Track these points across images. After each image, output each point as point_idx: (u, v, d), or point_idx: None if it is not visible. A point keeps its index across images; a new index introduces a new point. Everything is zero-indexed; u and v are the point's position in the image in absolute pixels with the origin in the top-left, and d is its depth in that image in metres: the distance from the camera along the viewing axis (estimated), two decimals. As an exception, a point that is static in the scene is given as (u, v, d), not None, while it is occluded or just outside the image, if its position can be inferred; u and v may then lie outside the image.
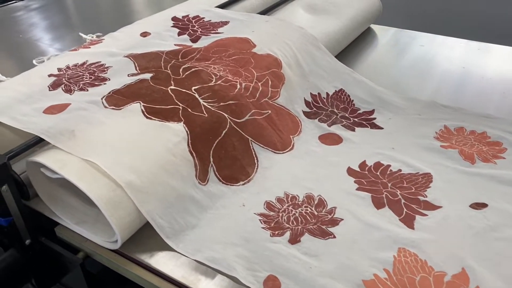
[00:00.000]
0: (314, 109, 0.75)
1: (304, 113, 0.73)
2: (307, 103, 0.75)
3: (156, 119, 0.58)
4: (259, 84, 0.70)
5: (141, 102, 0.60)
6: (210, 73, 0.68)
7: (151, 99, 0.61)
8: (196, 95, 0.63)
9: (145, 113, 0.58)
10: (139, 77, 0.66)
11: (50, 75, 0.68)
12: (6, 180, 0.49)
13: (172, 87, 0.64)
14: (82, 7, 1.41)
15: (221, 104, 0.64)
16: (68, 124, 0.55)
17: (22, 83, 0.66)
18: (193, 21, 0.87)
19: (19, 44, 1.12)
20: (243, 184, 0.60)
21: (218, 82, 0.67)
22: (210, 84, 0.66)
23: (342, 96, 0.78)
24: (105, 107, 0.59)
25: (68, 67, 0.70)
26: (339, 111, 0.75)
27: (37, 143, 0.55)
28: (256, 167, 0.63)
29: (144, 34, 0.81)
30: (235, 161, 0.61)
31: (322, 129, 0.71)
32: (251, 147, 0.64)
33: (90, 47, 0.77)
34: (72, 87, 0.65)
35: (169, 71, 0.68)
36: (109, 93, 0.62)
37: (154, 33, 0.82)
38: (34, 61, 1.00)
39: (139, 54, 0.73)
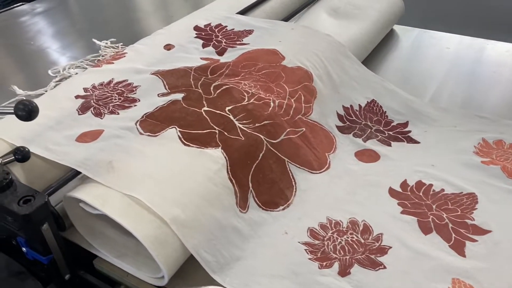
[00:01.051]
0: (348, 123, 0.73)
1: (338, 128, 0.71)
2: (340, 117, 0.73)
3: (194, 145, 0.56)
4: (292, 100, 0.68)
5: (176, 127, 0.58)
6: (241, 91, 0.66)
7: (186, 123, 0.59)
8: (231, 117, 0.61)
9: (182, 139, 0.56)
10: (171, 97, 0.64)
11: (77, 97, 0.66)
12: (47, 219, 0.48)
13: (206, 108, 0.62)
14: (87, 11, 1.38)
15: (257, 125, 0.62)
16: (105, 155, 0.53)
17: (50, 107, 0.63)
18: (216, 30, 0.84)
19: (31, 53, 1.09)
20: (283, 209, 0.59)
21: (251, 101, 0.65)
22: (243, 104, 0.64)
23: (375, 108, 0.76)
24: (140, 133, 0.57)
25: (94, 87, 0.68)
26: (373, 124, 0.73)
27: (75, 176, 0.53)
28: (294, 190, 0.61)
29: (168, 47, 0.79)
30: (273, 185, 0.60)
31: (358, 145, 0.69)
32: (288, 169, 0.62)
33: (113, 62, 0.75)
34: (101, 110, 0.63)
35: (200, 90, 0.66)
36: (142, 117, 0.60)
37: (178, 45, 0.79)
38: (49, 72, 0.98)
39: (166, 71, 0.70)
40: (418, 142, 0.70)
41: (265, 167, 0.60)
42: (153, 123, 0.59)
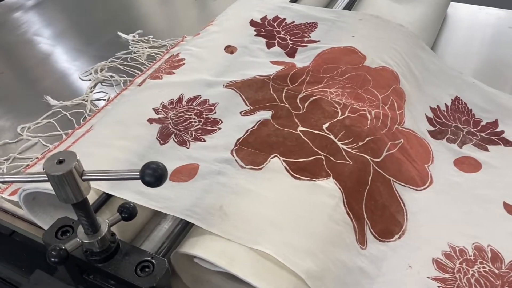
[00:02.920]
0: (438, 126, 0.67)
1: (430, 133, 0.65)
2: (429, 120, 0.67)
3: (305, 178, 0.50)
4: (386, 108, 0.61)
5: (278, 155, 0.51)
6: (332, 102, 0.59)
7: (287, 150, 0.52)
8: (332, 137, 0.55)
9: (290, 171, 0.50)
10: (257, 117, 0.57)
11: (150, 121, 0.58)
12: (167, 286, 0.41)
13: (301, 128, 0.55)
14: (80, 4, 1.22)
15: (360, 144, 0.55)
16: (212, 198, 0.47)
17: (123, 136, 0.55)
18: (275, 24, 0.76)
19: (45, 52, 0.98)
20: (399, 238, 0.53)
21: (346, 114, 0.58)
22: (339, 118, 0.57)
23: (460, 106, 0.70)
24: (242, 167, 0.50)
25: (165, 107, 0.60)
26: (463, 125, 0.67)
27: (184, 229, 0.47)
28: (405, 214, 0.55)
29: (230, 50, 0.70)
30: (384, 211, 0.54)
31: (454, 152, 0.63)
32: (394, 189, 0.56)
33: (174, 72, 0.66)
34: (184, 137, 0.55)
35: (287, 105, 0.59)
36: (236, 145, 0.53)
37: (240, 47, 0.71)
38: (79, 75, 0.89)
39: (241, 83, 0.62)
40: (516, 144, 0.65)
41: (375, 192, 0.54)
42: (251, 152, 0.52)
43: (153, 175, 0.34)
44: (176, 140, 0.55)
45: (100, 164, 0.51)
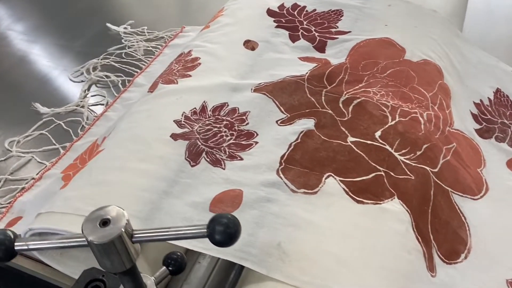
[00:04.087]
0: (484, 123, 0.61)
1: (477, 132, 0.59)
2: (474, 117, 0.61)
3: (368, 201, 0.43)
4: (436, 108, 0.55)
5: (332, 174, 0.44)
6: (378, 104, 0.52)
7: (341, 167, 0.45)
8: (388, 147, 0.48)
9: (350, 194, 0.43)
10: (299, 127, 0.49)
11: (174, 137, 0.49)
12: None
13: (352, 138, 0.48)
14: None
15: (418, 153, 0.49)
16: (266, 234, 0.39)
17: (144, 157, 0.47)
18: (295, 13, 0.67)
19: (25, 52, 0.86)
20: (465, 258, 0.48)
21: (397, 118, 0.51)
22: (390, 124, 0.50)
23: (503, 99, 0.64)
24: (294, 191, 0.43)
25: (188, 118, 0.51)
26: (509, 121, 0.62)
27: (228, 268, 0.39)
28: (467, 228, 0.49)
29: (250, 45, 0.62)
30: (447, 228, 0.48)
31: (505, 152, 0.58)
32: (453, 201, 0.50)
33: (190, 75, 0.57)
34: (217, 155, 0.47)
35: (330, 111, 0.51)
36: (281, 163, 0.45)
37: (261, 41, 0.62)
38: (69, 76, 0.78)
39: (273, 86, 0.54)
40: None
41: (438, 208, 0.48)
42: (300, 172, 0.44)
43: (226, 232, 0.27)
44: (208, 159, 0.47)
45: (123, 197, 0.43)
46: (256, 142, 0.49)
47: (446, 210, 0.49)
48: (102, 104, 0.72)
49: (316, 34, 0.63)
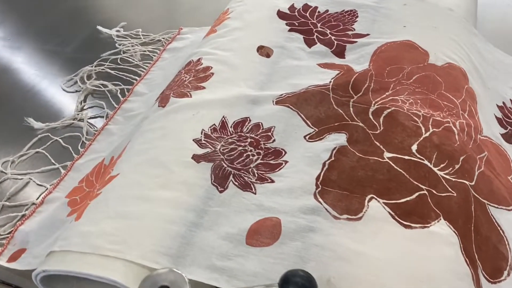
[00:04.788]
0: (509, 127, 0.59)
1: (502, 136, 0.57)
2: (499, 121, 0.59)
3: (416, 225, 0.40)
4: (466, 115, 0.52)
5: (374, 196, 0.41)
6: (409, 114, 0.49)
7: (382, 187, 0.42)
8: (426, 162, 0.45)
9: (397, 217, 0.40)
10: (330, 143, 0.46)
11: (196, 158, 0.45)
12: None
13: (388, 154, 0.45)
14: None
15: (456, 167, 0.46)
16: (313, 269, 0.35)
17: (166, 183, 0.42)
18: (307, 14, 0.64)
19: (8, 59, 0.79)
20: (508, 275, 0.45)
21: (431, 129, 0.48)
22: (425, 136, 0.47)
23: (524, 100, 0.62)
24: (336, 217, 0.39)
25: (208, 136, 0.47)
26: (533, 124, 0.60)
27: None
28: (506, 243, 0.47)
29: (265, 51, 0.58)
30: (488, 244, 0.46)
31: (534, 158, 0.56)
32: (490, 213, 0.48)
33: (204, 87, 0.53)
34: (246, 178, 0.43)
35: (360, 123, 0.48)
36: (317, 186, 0.42)
37: (275, 47, 0.58)
38: (62, 86, 0.73)
39: (296, 97, 0.51)
40: None
41: (479, 223, 0.45)
42: (340, 195, 0.41)
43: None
44: (236, 183, 0.43)
45: (148, 231, 0.39)
46: (286, 161, 0.45)
47: (486, 225, 0.46)
48: (102, 117, 0.67)
49: (333, 37, 0.60)
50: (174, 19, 0.87)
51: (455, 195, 0.44)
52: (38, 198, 0.56)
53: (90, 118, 0.66)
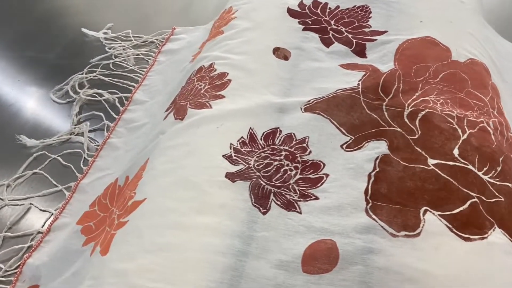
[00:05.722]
0: (529, 122, 0.58)
1: (524, 132, 0.57)
2: (519, 116, 0.58)
3: (475, 237, 0.38)
4: (495, 113, 0.51)
5: (429, 208, 0.39)
6: (443, 115, 0.47)
7: (434, 198, 0.40)
8: (470, 167, 0.43)
9: (455, 230, 0.38)
10: (371, 152, 0.43)
11: (230, 177, 0.41)
12: None
13: (432, 160, 0.43)
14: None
15: (498, 169, 0.44)
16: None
17: (201, 207, 0.39)
18: (319, 11, 0.60)
19: None
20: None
21: (468, 131, 0.46)
22: (464, 138, 0.45)
23: (537, 92, 0.62)
24: (394, 235, 0.37)
25: (238, 151, 0.44)
26: (550, 116, 0.59)
27: None
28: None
29: (282, 54, 0.54)
30: (533, 246, 0.45)
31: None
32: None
33: (222, 95, 0.49)
34: (288, 196, 0.40)
35: (398, 128, 0.45)
36: (367, 201, 0.39)
37: (292, 49, 0.55)
38: (52, 96, 0.67)
39: (326, 103, 0.47)
40: None
41: (521, 226, 0.44)
42: (394, 210, 0.38)
43: None
44: (278, 202, 0.40)
45: (193, 264, 0.35)
46: (327, 175, 0.42)
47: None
48: (101, 129, 0.61)
49: (350, 36, 0.57)
50: (163, 18, 0.82)
51: (502, 200, 0.42)
52: (43, 225, 0.51)
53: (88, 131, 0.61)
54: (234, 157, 0.43)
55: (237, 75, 0.52)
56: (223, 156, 0.43)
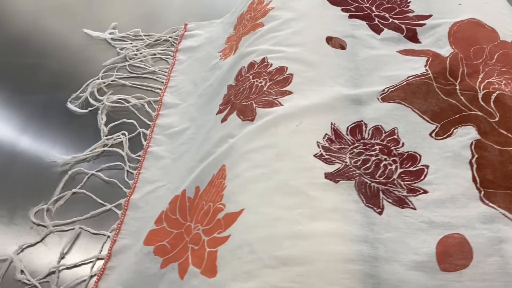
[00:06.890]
0: None
1: None
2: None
3: None
4: (552, 91, 0.51)
5: (538, 190, 0.38)
6: (511, 96, 0.47)
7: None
8: (556, 145, 0.43)
9: None
10: (463, 139, 0.42)
11: (332, 178, 0.38)
12: None
13: (522, 143, 0.42)
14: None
15: None
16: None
17: (313, 213, 0.35)
18: (358, -1, 0.58)
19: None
20: None
21: (538, 110, 0.46)
22: (540, 118, 0.45)
23: None
24: None
25: (328, 149, 0.41)
26: None
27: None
28: None
29: (337, 43, 0.51)
30: None
31: None
32: None
33: (290, 91, 0.46)
34: (397, 193, 0.38)
35: (479, 112, 0.44)
36: (479, 189, 0.38)
37: (346, 37, 0.52)
38: (69, 105, 0.60)
39: (401, 91, 0.46)
40: None
41: None
42: (507, 196, 0.37)
43: None
44: (390, 200, 0.38)
45: (329, 278, 0.32)
46: (427, 166, 0.40)
47: None
48: (134, 138, 0.56)
49: (397, 21, 0.56)
50: (173, 13, 0.76)
51: None
52: (101, 250, 0.45)
53: (115, 142, 0.55)
54: (327, 156, 0.40)
55: (298, 69, 0.49)
56: (314, 155, 0.40)
